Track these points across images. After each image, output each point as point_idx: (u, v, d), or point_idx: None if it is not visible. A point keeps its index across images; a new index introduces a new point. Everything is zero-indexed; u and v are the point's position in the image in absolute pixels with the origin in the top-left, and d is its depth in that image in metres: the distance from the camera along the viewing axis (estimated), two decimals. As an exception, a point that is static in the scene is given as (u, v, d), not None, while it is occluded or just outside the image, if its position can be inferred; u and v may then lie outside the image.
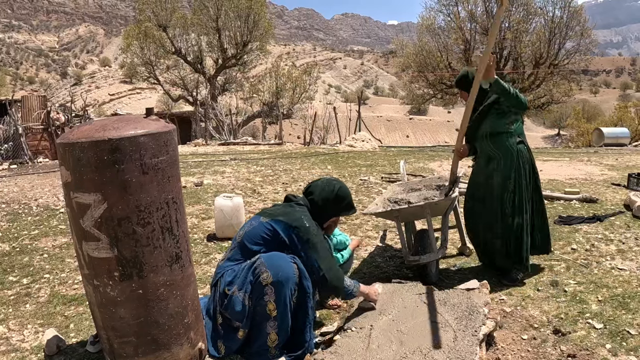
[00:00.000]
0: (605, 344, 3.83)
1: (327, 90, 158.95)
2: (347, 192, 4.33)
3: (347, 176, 12.20)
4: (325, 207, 4.22)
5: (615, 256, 5.83)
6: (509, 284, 5.07)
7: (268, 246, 3.84)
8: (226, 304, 3.73)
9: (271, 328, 3.65)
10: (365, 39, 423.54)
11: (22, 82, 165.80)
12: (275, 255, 3.74)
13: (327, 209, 4.23)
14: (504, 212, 5.05)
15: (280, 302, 3.62)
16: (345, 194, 4.30)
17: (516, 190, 5.00)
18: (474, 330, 3.49)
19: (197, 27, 38.07)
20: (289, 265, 3.67)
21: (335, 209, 4.27)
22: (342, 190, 4.28)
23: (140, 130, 3.09)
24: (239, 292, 3.68)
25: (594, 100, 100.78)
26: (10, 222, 8.43)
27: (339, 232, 5.25)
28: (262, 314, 3.64)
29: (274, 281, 3.59)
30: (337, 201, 4.24)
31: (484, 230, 5.24)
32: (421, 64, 33.60)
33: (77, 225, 3.15)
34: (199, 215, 8.45)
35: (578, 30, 30.75)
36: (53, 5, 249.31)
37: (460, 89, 5.45)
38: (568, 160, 15.63)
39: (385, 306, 4.05)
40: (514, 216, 5.01)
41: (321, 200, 4.22)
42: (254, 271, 3.66)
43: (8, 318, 4.80)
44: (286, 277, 3.62)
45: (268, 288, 3.61)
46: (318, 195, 4.23)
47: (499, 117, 5.05)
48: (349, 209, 4.36)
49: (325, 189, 4.26)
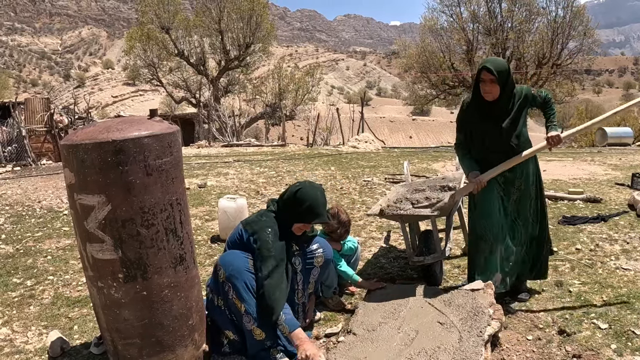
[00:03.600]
0: (611, 344, 3.81)
1: (329, 91, 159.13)
2: (309, 196, 3.91)
3: (350, 177, 12.19)
4: (285, 210, 3.98)
5: (619, 256, 5.81)
6: (525, 298, 4.76)
7: (232, 246, 3.95)
8: (210, 309, 3.87)
9: (249, 324, 3.66)
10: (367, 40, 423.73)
11: (25, 85, 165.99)
12: (230, 253, 3.85)
13: (287, 213, 3.96)
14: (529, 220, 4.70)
15: (240, 295, 3.65)
16: (304, 197, 3.89)
17: (538, 194, 4.73)
18: (479, 331, 3.48)
19: (200, 29, 38.19)
20: (241, 259, 3.74)
21: (293, 213, 3.93)
22: (301, 193, 3.91)
23: (144, 131, 3.10)
24: (212, 294, 3.86)
25: (597, 100, 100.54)
26: (13, 224, 8.43)
27: (349, 238, 5.22)
28: (236, 313, 3.70)
29: (227, 276, 3.69)
30: (295, 204, 3.90)
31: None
32: (424, 65, 33.64)
33: (81, 227, 3.16)
34: (203, 217, 8.45)
35: (581, 30, 30.77)
36: (56, 8, 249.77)
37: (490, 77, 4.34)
38: (572, 160, 15.59)
39: (390, 307, 4.05)
40: (536, 223, 4.75)
41: (282, 202, 4.03)
42: (215, 272, 3.83)
43: (12, 320, 4.80)
44: (238, 270, 3.67)
45: (225, 284, 3.70)
46: (282, 198, 4.05)
47: (525, 124, 4.63)
48: (310, 215, 3.92)
49: (288, 191, 4.03)
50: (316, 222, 3.99)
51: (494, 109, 4.47)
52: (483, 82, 4.40)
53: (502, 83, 4.35)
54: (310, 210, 3.88)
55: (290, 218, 3.94)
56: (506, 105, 4.46)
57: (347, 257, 5.10)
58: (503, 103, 4.44)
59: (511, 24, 31.11)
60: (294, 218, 3.94)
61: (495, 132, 4.49)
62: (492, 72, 4.27)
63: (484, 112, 4.53)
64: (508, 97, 4.44)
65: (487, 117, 4.51)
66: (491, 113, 4.49)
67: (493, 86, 4.36)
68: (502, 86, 4.37)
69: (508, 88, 4.41)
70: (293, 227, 3.97)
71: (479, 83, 4.46)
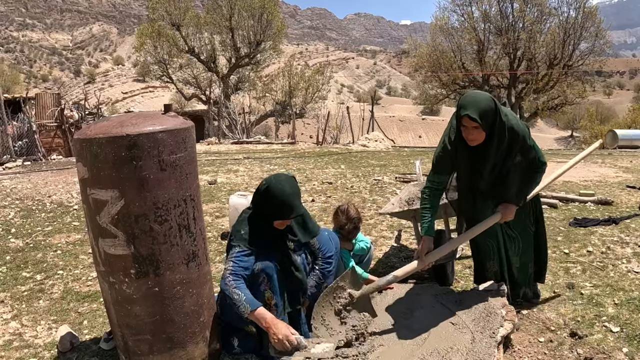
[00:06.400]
0: (622, 347, 3.79)
1: (339, 90, 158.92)
2: (277, 191, 3.68)
3: (360, 176, 12.18)
4: (260, 210, 3.81)
5: (631, 259, 5.77)
6: (536, 301, 4.68)
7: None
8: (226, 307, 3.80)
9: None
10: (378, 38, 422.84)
11: (36, 80, 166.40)
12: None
13: (262, 212, 3.79)
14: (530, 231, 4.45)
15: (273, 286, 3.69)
16: (273, 194, 3.69)
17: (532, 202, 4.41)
18: (492, 332, 3.46)
19: (211, 26, 38.22)
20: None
21: (268, 211, 3.75)
22: (269, 191, 3.71)
23: (159, 126, 3.09)
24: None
25: (607, 102, 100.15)
26: (24, 218, 8.46)
27: (362, 238, 5.20)
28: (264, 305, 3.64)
29: (262, 267, 3.67)
30: (266, 203, 3.73)
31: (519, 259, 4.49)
32: (434, 64, 33.58)
33: (93, 222, 3.15)
34: (213, 214, 8.45)
35: (593, 31, 30.63)
36: (67, 4, 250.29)
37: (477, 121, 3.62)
38: (582, 162, 15.52)
39: (401, 307, 4.03)
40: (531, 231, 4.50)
41: (254, 202, 3.87)
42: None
43: (21, 314, 4.82)
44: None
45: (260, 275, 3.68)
46: (254, 198, 3.88)
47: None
48: (284, 210, 3.70)
49: (256, 190, 3.83)
50: (293, 216, 3.74)
51: (479, 154, 3.89)
52: (465, 129, 3.74)
53: (488, 126, 3.69)
54: (282, 205, 3.67)
55: (267, 216, 3.77)
56: (496, 146, 3.81)
57: (358, 256, 5.08)
58: (492, 145, 3.80)
59: (523, 24, 31.04)
60: (270, 216, 3.76)
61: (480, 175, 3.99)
62: (475, 120, 3.58)
63: (470, 158, 3.94)
64: (499, 138, 3.77)
65: (474, 164, 3.97)
66: (477, 159, 3.92)
67: (478, 133, 3.71)
68: (489, 129, 3.71)
69: (497, 127, 3.73)
70: (274, 223, 3.79)
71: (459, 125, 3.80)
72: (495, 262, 4.35)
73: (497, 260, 4.34)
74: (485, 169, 3.91)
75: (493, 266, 4.35)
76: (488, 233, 4.14)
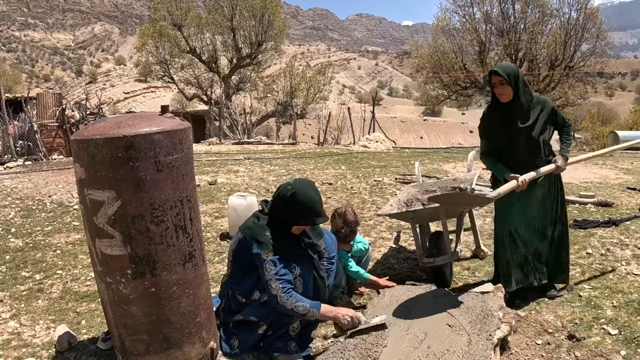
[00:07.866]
0: (620, 350, 3.79)
1: (341, 90, 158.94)
2: (305, 197, 3.74)
3: (360, 177, 12.17)
4: (280, 213, 3.80)
5: (630, 261, 5.77)
6: (554, 294, 4.86)
7: (235, 253, 3.87)
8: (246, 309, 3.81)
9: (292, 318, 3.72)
10: (379, 39, 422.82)
11: (38, 80, 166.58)
12: None
13: (283, 216, 3.79)
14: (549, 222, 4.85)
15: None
16: (301, 199, 3.72)
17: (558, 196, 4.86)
18: (489, 334, 3.45)
19: (212, 26, 38.17)
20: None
21: (291, 216, 3.77)
22: (297, 195, 3.73)
23: (155, 127, 3.09)
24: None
25: (609, 103, 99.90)
26: (24, 217, 8.47)
27: (360, 239, 5.20)
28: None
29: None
30: (291, 207, 3.74)
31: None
32: (436, 65, 33.48)
33: (90, 222, 3.16)
34: (212, 214, 8.45)
35: (594, 32, 30.55)
36: (69, 4, 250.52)
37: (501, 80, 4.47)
38: (583, 163, 15.50)
39: (399, 308, 4.03)
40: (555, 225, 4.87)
41: (276, 205, 3.85)
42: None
43: (20, 313, 4.82)
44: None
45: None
46: (275, 201, 3.87)
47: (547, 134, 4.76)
48: (310, 216, 3.76)
49: (280, 193, 3.82)
50: (319, 223, 3.82)
51: (513, 110, 4.58)
52: (495, 86, 4.57)
53: (512, 83, 4.47)
54: (310, 211, 3.73)
55: (289, 221, 3.80)
56: (524, 105, 4.57)
57: (356, 258, 5.08)
58: (520, 102, 4.55)
59: (524, 26, 30.94)
60: (292, 221, 3.79)
61: (516, 133, 4.59)
62: (499, 74, 4.45)
63: (505, 115, 4.62)
64: (524, 97, 4.56)
65: (508, 120, 4.61)
66: (511, 114, 4.59)
67: (504, 88, 4.51)
68: (514, 86, 4.50)
69: (521, 88, 4.53)
70: (292, 228, 3.83)
71: (493, 90, 4.61)
72: (508, 248, 4.79)
73: (511, 245, 4.78)
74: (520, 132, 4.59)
75: (505, 254, 4.82)
76: (512, 217, 4.76)
